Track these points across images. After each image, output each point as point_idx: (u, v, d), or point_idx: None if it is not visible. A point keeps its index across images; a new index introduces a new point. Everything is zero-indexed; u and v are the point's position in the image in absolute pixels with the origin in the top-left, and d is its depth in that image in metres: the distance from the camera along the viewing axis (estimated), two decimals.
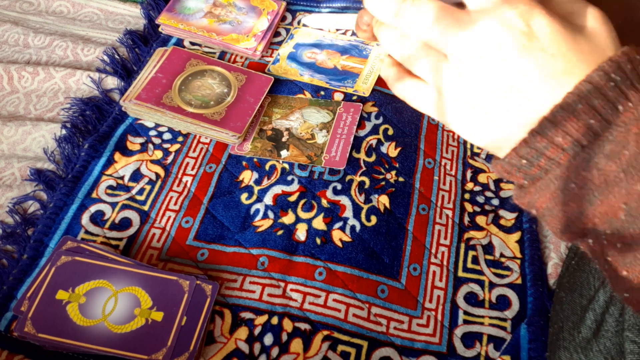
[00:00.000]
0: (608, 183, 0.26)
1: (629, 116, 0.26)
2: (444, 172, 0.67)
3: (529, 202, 0.30)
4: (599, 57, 0.28)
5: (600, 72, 0.26)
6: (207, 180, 0.65)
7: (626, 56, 0.27)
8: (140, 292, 0.53)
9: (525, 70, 0.28)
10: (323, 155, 0.66)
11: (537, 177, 0.29)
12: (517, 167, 0.29)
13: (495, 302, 0.57)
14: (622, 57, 0.27)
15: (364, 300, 0.56)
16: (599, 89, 0.26)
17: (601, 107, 0.26)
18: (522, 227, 0.62)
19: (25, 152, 0.67)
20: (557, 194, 0.28)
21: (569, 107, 0.26)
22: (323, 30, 0.82)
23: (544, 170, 0.28)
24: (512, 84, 0.28)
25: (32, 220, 0.60)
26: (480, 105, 0.30)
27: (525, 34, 0.28)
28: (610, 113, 0.26)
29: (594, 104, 0.26)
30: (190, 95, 0.70)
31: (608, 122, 0.26)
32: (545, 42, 0.28)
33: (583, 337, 0.46)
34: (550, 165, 0.28)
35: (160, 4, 0.83)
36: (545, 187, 0.28)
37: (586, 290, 0.48)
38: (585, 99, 0.26)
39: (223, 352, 0.52)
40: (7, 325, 0.53)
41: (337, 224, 0.61)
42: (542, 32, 0.28)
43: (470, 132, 0.31)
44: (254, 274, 0.57)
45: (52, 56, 0.77)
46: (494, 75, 0.29)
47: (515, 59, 0.28)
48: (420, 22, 0.31)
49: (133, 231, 0.60)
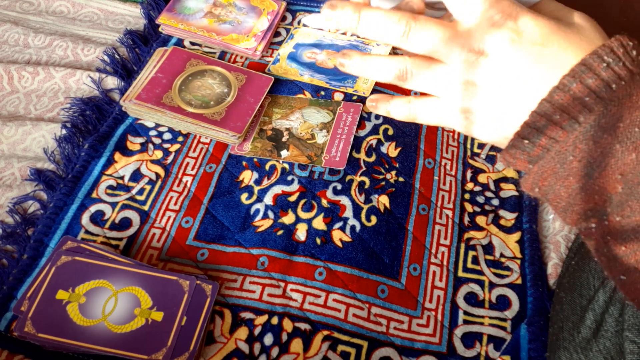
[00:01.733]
0: (605, 155, 0.28)
1: (622, 92, 0.28)
2: (444, 172, 0.67)
3: (533, 181, 0.31)
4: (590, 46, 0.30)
5: (593, 56, 0.29)
6: (207, 180, 0.65)
7: (618, 41, 0.29)
8: (140, 292, 0.53)
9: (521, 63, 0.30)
10: (323, 155, 0.66)
11: (540, 157, 0.30)
12: (521, 149, 0.31)
13: (495, 302, 0.57)
14: (614, 42, 0.29)
15: (364, 300, 0.56)
16: (593, 70, 0.28)
17: (595, 86, 0.28)
18: (522, 227, 0.62)
19: (25, 152, 0.67)
20: (557, 169, 0.30)
21: (564, 87, 0.29)
22: (323, 30, 0.82)
23: (545, 149, 0.30)
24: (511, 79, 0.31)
25: (32, 220, 0.60)
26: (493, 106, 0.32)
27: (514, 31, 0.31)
28: (604, 91, 0.28)
29: (588, 84, 0.28)
30: (190, 95, 0.70)
31: (602, 99, 0.28)
32: (535, 35, 0.31)
33: (583, 337, 0.46)
34: (551, 144, 0.30)
35: (161, 4, 0.83)
36: (546, 164, 0.30)
37: (586, 291, 0.48)
38: (580, 79, 0.28)
39: (223, 352, 0.52)
40: (7, 325, 0.53)
41: (337, 224, 0.61)
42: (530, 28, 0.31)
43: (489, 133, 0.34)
44: (254, 274, 0.57)
45: (52, 56, 0.77)
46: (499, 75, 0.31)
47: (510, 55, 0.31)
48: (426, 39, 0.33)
49: (133, 231, 0.60)
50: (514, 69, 0.31)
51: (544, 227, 0.63)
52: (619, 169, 0.27)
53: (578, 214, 0.30)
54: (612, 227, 0.28)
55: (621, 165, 0.27)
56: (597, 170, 0.28)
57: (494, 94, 0.32)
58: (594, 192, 0.29)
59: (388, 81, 0.36)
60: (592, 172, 0.28)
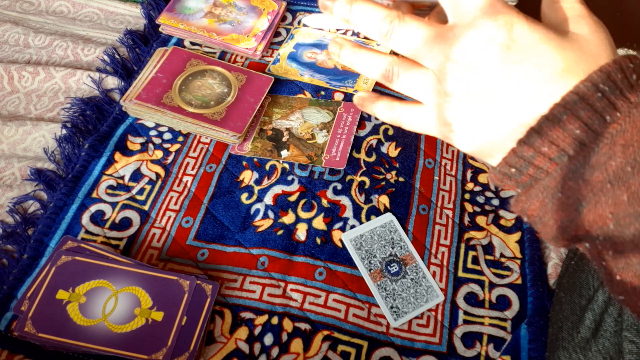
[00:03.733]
0: (595, 193, 0.26)
1: (616, 127, 0.25)
2: (444, 172, 0.67)
3: (522, 209, 0.30)
4: (590, 65, 0.27)
5: (587, 83, 0.26)
6: (208, 180, 0.65)
7: (617, 64, 0.26)
8: (140, 292, 0.53)
9: (509, 81, 0.28)
10: (323, 155, 0.66)
11: (528, 185, 0.29)
12: (508, 175, 0.29)
13: (495, 302, 0.57)
14: (612, 66, 0.26)
15: (364, 300, 0.56)
16: (586, 100, 0.26)
17: (587, 117, 0.26)
18: (522, 227, 0.62)
19: (26, 152, 0.67)
20: (546, 203, 0.28)
21: (554, 118, 0.26)
22: (323, 30, 0.82)
23: (533, 178, 0.28)
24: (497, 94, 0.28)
25: (32, 220, 0.60)
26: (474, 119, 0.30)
27: (506, 46, 0.28)
28: (597, 123, 0.26)
29: (579, 115, 0.26)
30: (190, 95, 0.70)
31: (595, 132, 0.26)
32: (528, 51, 0.28)
33: (582, 337, 0.46)
34: (539, 174, 0.28)
35: (161, 4, 0.83)
36: (534, 195, 0.29)
37: (585, 291, 0.48)
38: (571, 110, 0.26)
39: (223, 352, 0.52)
40: (7, 325, 0.53)
41: (337, 224, 0.61)
42: (524, 42, 0.28)
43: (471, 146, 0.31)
44: (254, 273, 0.57)
45: (53, 56, 0.77)
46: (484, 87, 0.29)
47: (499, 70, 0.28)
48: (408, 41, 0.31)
49: (133, 231, 0.60)
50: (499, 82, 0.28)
51: None
52: (610, 208, 0.26)
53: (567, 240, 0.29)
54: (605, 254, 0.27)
55: (612, 204, 0.26)
56: (587, 207, 0.27)
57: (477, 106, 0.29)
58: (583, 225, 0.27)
59: (376, 79, 0.34)
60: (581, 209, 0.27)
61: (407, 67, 0.33)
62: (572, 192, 0.27)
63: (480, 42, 0.28)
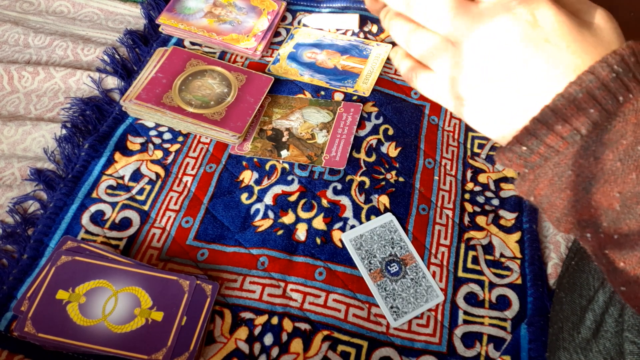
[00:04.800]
0: (604, 171, 0.27)
1: (628, 107, 0.26)
2: (444, 172, 0.67)
3: (528, 189, 0.30)
4: (604, 50, 0.28)
5: (603, 64, 0.27)
6: (207, 180, 0.65)
7: (630, 49, 0.27)
8: (140, 292, 0.53)
9: (530, 60, 0.29)
10: (323, 155, 0.66)
11: (537, 164, 0.29)
12: (518, 154, 0.29)
13: (495, 302, 0.57)
14: (626, 50, 0.27)
15: (364, 300, 0.56)
16: (601, 80, 0.26)
17: (602, 97, 0.26)
18: (522, 227, 0.62)
19: (25, 152, 0.67)
20: (554, 181, 0.29)
21: (570, 96, 0.27)
22: (323, 30, 0.82)
23: (543, 157, 0.29)
24: (518, 73, 0.29)
25: (32, 220, 0.60)
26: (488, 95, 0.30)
27: (530, 24, 0.29)
28: (610, 103, 0.26)
29: (594, 94, 0.26)
30: (190, 95, 0.70)
31: (608, 112, 0.27)
32: (550, 32, 0.28)
33: (583, 338, 0.46)
34: (550, 153, 0.28)
35: (161, 4, 0.83)
36: (543, 174, 0.29)
37: (586, 291, 0.48)
38: (586, 88, 0.27)
39: (223, 352, 0.52)
40: (7, 325, 0.53)
41: (337, 224, 0.61)
42: (548, 23, 0.29)
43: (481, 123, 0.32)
44: (254, 274, 0.57)
45: (52, 56, 0.77)
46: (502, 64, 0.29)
47: (521, 49, 0.29)
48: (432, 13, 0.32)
49: (133, 231, 0.60)
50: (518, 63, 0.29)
51: (544, 227, 0.63)
52: (618, 187, 0.26)
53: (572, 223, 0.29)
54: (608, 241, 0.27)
55: (620, 183, 0.26)
56: (595, 186, 0.27)
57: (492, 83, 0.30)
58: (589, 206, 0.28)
59: (396, 37, 0.34)
60: (589, 187, 0.27)
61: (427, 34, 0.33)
62: (582, 170, 0.27)
63: (505, 19, 0.29)
